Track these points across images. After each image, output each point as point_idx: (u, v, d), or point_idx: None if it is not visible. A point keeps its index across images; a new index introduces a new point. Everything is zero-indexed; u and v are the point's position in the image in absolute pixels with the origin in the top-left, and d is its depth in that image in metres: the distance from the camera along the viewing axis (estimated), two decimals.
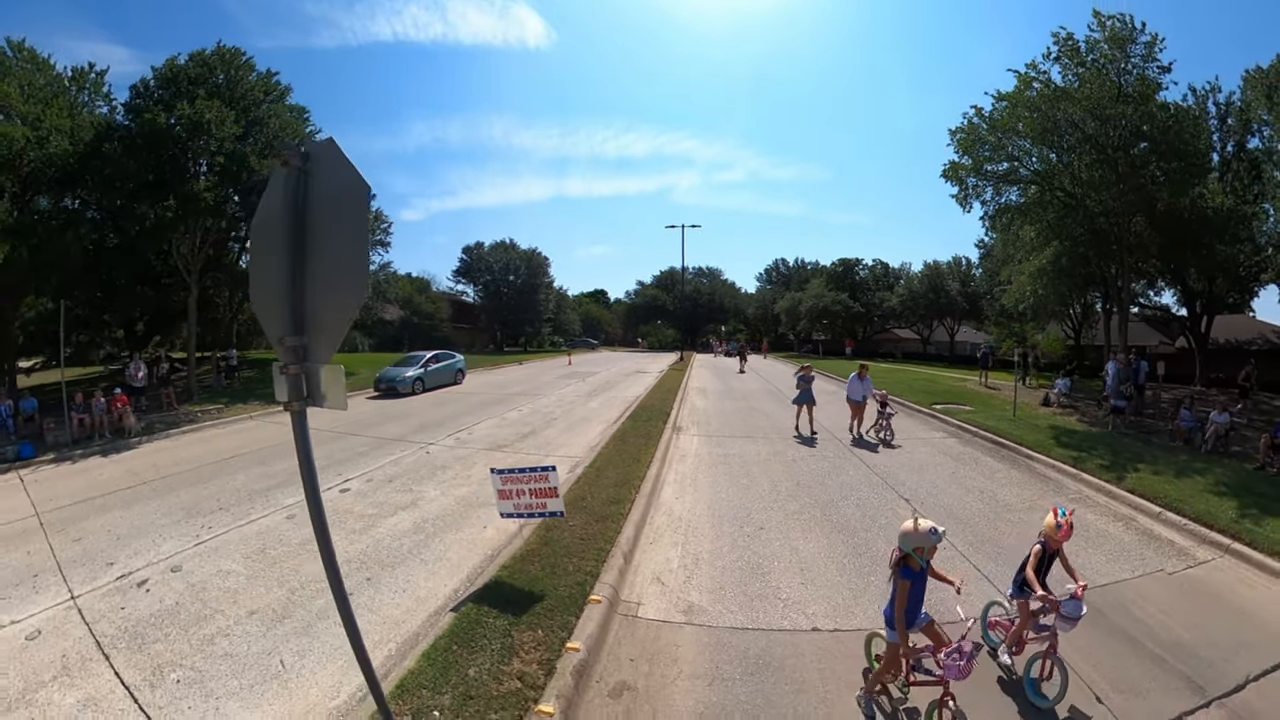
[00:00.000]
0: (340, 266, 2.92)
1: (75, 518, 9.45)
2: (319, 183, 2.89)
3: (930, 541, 4.07)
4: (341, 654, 5.17)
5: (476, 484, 10.33)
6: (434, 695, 4.24)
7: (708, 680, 4.92)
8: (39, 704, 4.72)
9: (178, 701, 4.70)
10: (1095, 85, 17.06)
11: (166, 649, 5.46)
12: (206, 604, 6.30)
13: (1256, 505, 9.17)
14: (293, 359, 2.86)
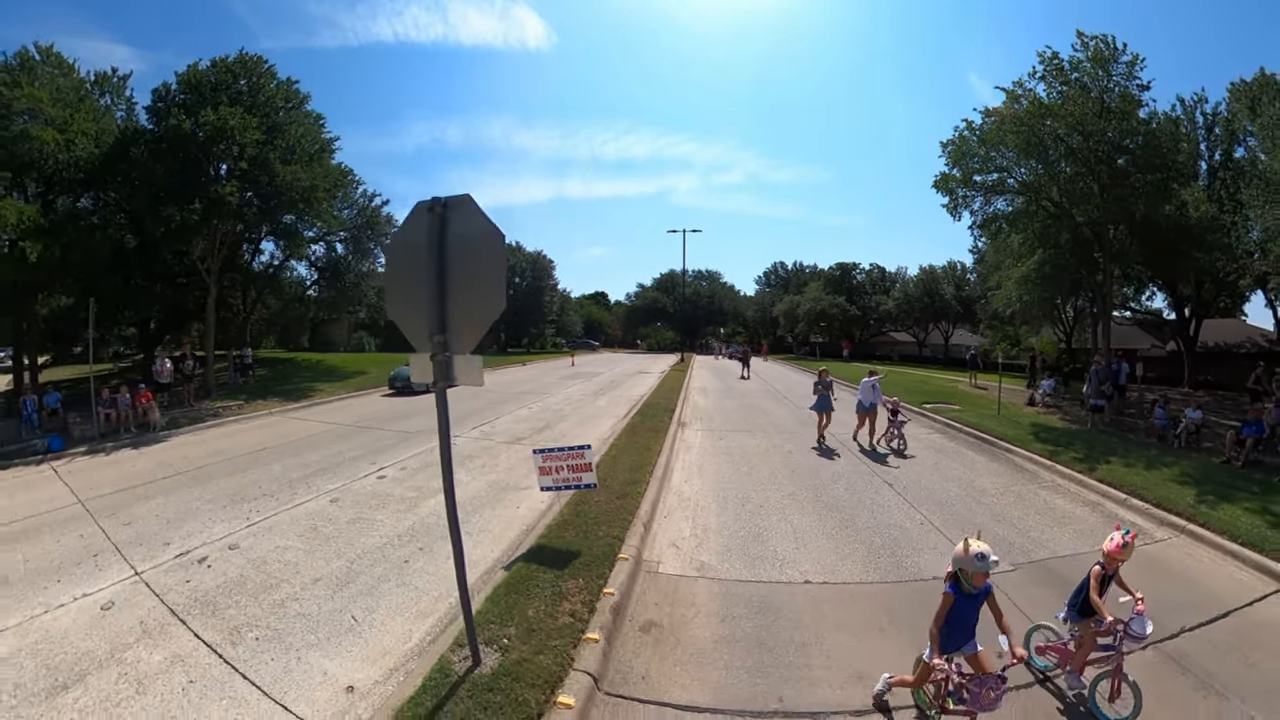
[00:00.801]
0: (480, 290, 3.99)
1: (120, 504, 9.96)
2: (456, 226, 3.85)
3: (975, 568, 3.87)
4: (407, 610, 6.07)
5: (504, 471, 11.30)
6: (501, 628, 5.18)
7: (720, 618, 5.98)
8: (128, 662, 5.24)
9: (260, 655, 5.30)
10: (1079, 102, 18.01)
11: (240, 614, 6.05)
12: (270, 575, 6.96)
13: (1215, 493, 10.11)
14: (439, 350, 3.81)
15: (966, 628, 4.06)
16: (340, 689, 4.75)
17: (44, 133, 19.47)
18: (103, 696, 4.72)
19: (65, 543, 8.23)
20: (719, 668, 5.17)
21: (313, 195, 23.01)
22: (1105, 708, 4.45)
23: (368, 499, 9.83)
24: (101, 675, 5.04)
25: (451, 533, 4.63)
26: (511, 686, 4.36)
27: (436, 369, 4.10)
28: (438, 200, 4.00)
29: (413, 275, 4.15)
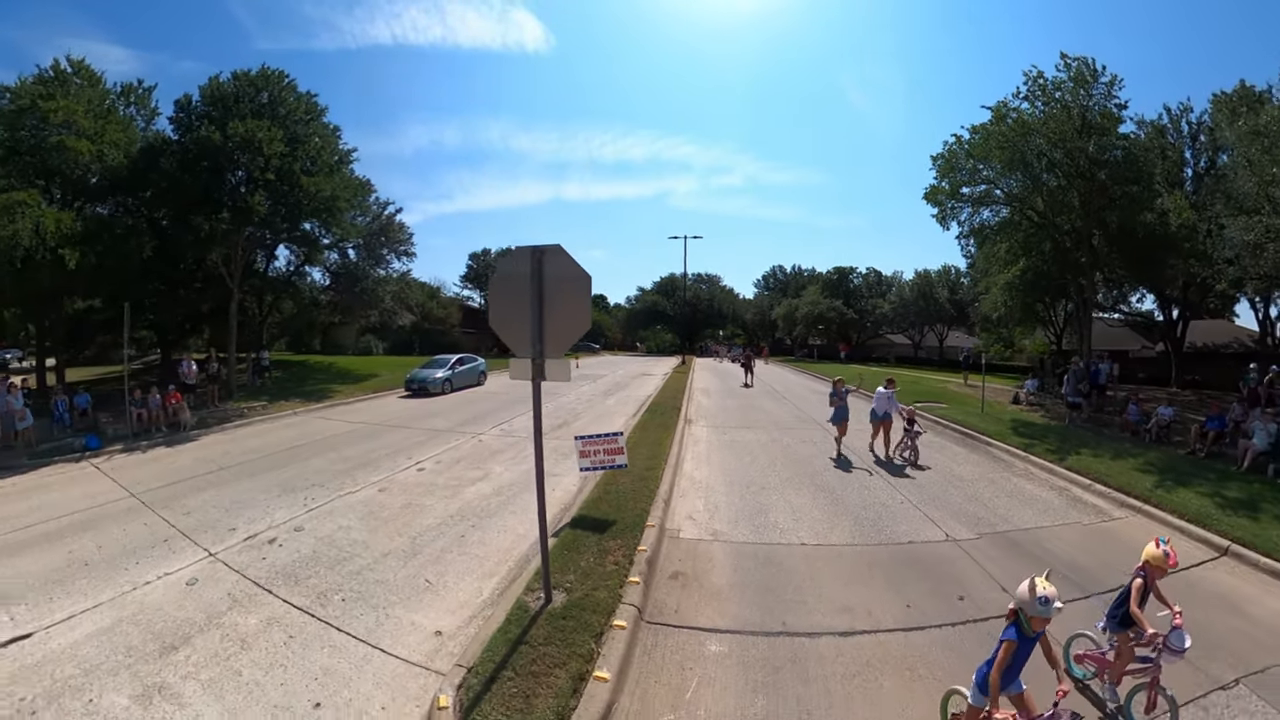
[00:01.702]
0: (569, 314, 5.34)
1: (174, 496, 10.59)
2: (550, 268, 5.19)
3: (1036, 611, 3.67)
4: (474, 572, 7.20)
5: (532, 463, 12.29)
6: (563, 576, 6.37)
7: (732, 569, 7.37)
8: (226, 625, 5.94)
9: (349, 613, 6.15)
10: (1060, 120, 19.26)
11: (321, 582, 6.89)
12: (341, 550, 7.86)
13: (1174, 479, 11.34)
14: (535, 355, 5.04)
15: (1017, 669, 3.92)
16: (429, 634, 5.80)
17: (79, 144, 20.19)
18: (211, 653, 5.43)
19: (132, 531, 8.83)
20: (734, 603, 6.44)
21: (335, 205, 24.05)
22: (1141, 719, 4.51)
23: (413, 488, 10.91)
24: (205, 637, 5.72)
25: (539, 497, 6.03)
26: (579, 614, 5.58)
27: (534, 368, 5.42)
28: (537, 248, 5.36)
29: (516, 300, 5.45)
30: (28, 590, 6.85)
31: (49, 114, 20.11)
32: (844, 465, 12.66)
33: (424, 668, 5.21)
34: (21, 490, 11.41)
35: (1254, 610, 6.59)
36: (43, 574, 7.32)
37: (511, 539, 8.26)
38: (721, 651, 5.50)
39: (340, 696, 4.80)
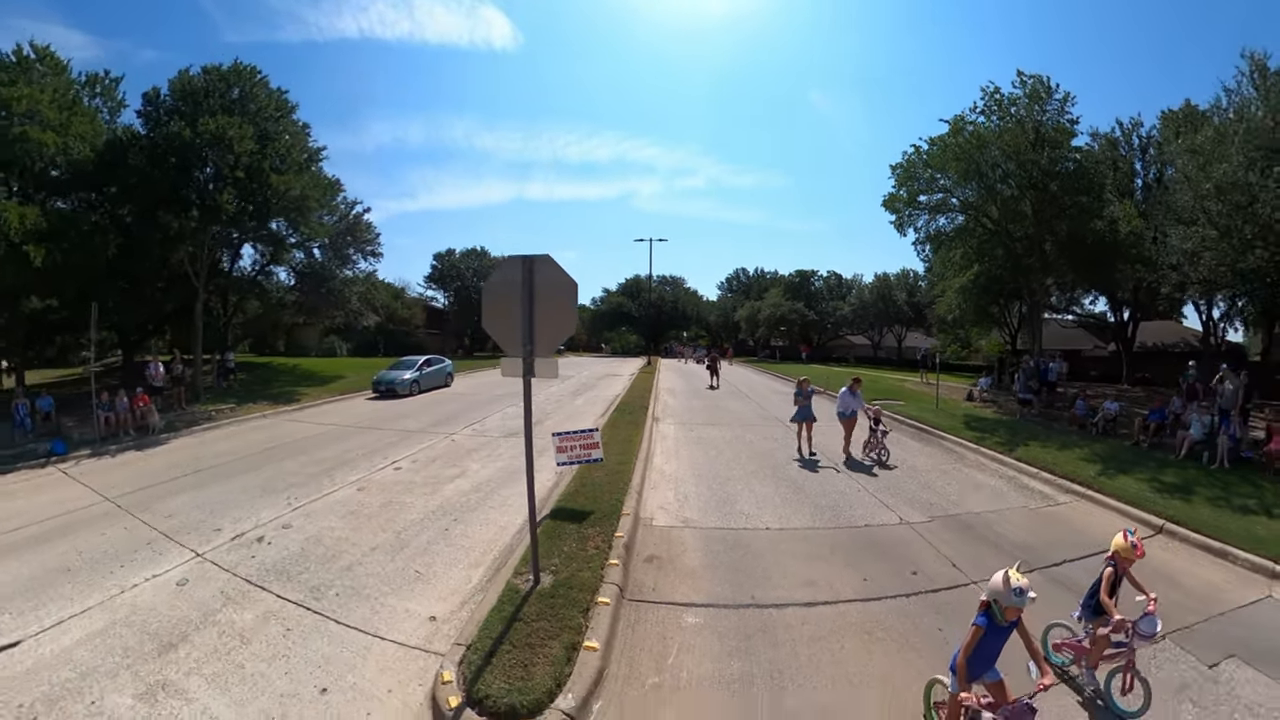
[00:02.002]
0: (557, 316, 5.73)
1: (151, 500, 10.43)
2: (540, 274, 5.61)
3: (1011, 602, 3.82)
4: (461, 562, 7.51)
5: (508, 460, 12.76)
6: (548, 560, 6.71)
7: (703, 552, 7.93)
8: (223, 622, 6.01)
9: (345, 605, 6.34)
10: (1015, 133, 20.25)
11: (313, 577, 7.04)
12: (329, 547, 8.00)
13: (1116, 467, 12.22)
14: (526, 354, 5.45)
15: (990, 657, 4.08)
16: (424, 619, 6.09)
17: (44, 135, 19.45)
18: (211, 649, 5.52)
19: (111, 535, 8.73)
20: (706, 581, 6.97)
21: (304, 204, 23.90)
22: (1119, 701, 4.74)
23: (391, 486, 11.10)
24: (202, 634, 5.80)
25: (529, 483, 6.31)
26: (566, 593, 5.96)
27: (525, 366, 5.78)
28: (528, 257, 5.79)
29: (508, 303, 5.84)
30: (9, 599, 6.74)
31: (12, 102, 19.20)
32: (805, 461, 13.16)
33: (423, 650, 5.51)
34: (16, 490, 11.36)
35: (1184, 580, 7.31)
36: (22, 582, 7.19)
37: (494, 531, 8.60)
38: (698, 623, 5.95)
39: (345, 681, 5.02)
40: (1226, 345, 32.29)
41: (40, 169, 20.93)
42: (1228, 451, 12.76)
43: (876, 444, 13.10)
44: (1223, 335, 30.65)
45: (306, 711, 4.63)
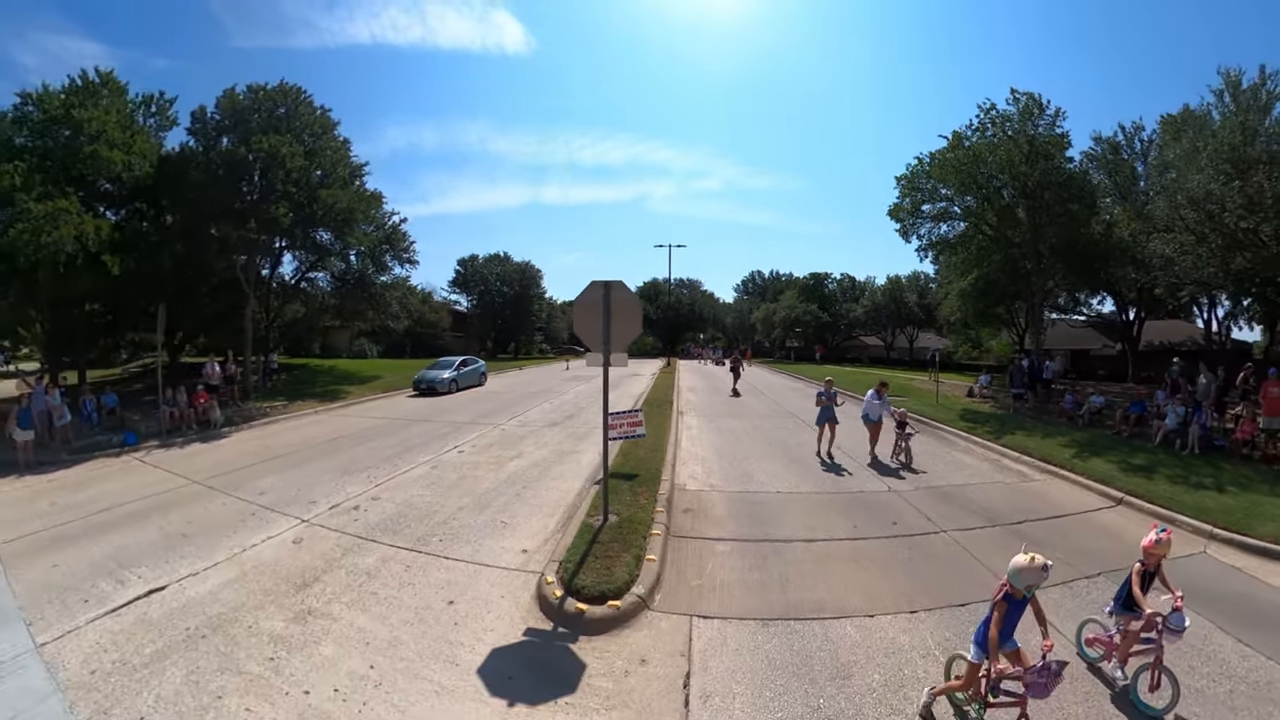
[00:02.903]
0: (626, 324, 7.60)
1: (237, 482, 11.52)
2: (615, 294, 7.48)
3: (1040, 579, 4.24)
4: (538, 513, 9.39)
5: (555, 444, 14.66)
6: (612, 508, 8.53)
7: (727, 507, 9.90)
8: (346, 566, 7.34)
9: (449, 547, 7.95)
10: (1009, 148, 21.86)
11: (415, 531, 8.53)
12: (422, 510, 9.54)
13: (1091, 452, 13.77)
14: (602, 351, 7.25)
15: (1010, 629, 4.43)
16: (517, 552, 7.90)
17: (113, 154, 21.24)
18: (343, 585, 6.75)
19: (213, 509, 9.83)
20: (730, 525, 8.91)
21: (351, 217, 25.86)
22: (1146, 698, 4.76)
23: (460, 465, 12.91)
24: (331, 575, 7.02)
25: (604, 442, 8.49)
26: (629, 527, 7.90)
27: (604, 359, 7.80)
28: (607, 282, 7.76)
29: (593, 314, 7.82)
30: (140, 557, 7.78)
31: (84, 124, 21.05)
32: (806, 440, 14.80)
33: (521, 570, 7.32)
34: (78, 481, 12.25)
35: (1128, 537, 8.58)
36: (146, 545, 8.25)
37: (558, 493, 10.50)
38: (726, 549, 7.88)
39: (465, 595, 6.65)
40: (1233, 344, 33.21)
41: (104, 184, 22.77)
42: (1198, 439, 14.15)
43: (903, 447, 13.07)
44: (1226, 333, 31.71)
45: (440, 617, 6.16)
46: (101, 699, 4.82)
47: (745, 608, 6.34)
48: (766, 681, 4.99)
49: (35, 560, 7.87)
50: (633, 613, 6.09)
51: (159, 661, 5.31)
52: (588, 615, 5.90)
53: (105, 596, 6.66)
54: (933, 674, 5.05)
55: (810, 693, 4.83)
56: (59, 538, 8.69)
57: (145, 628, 5.97)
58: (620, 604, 6.05)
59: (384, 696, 4.76)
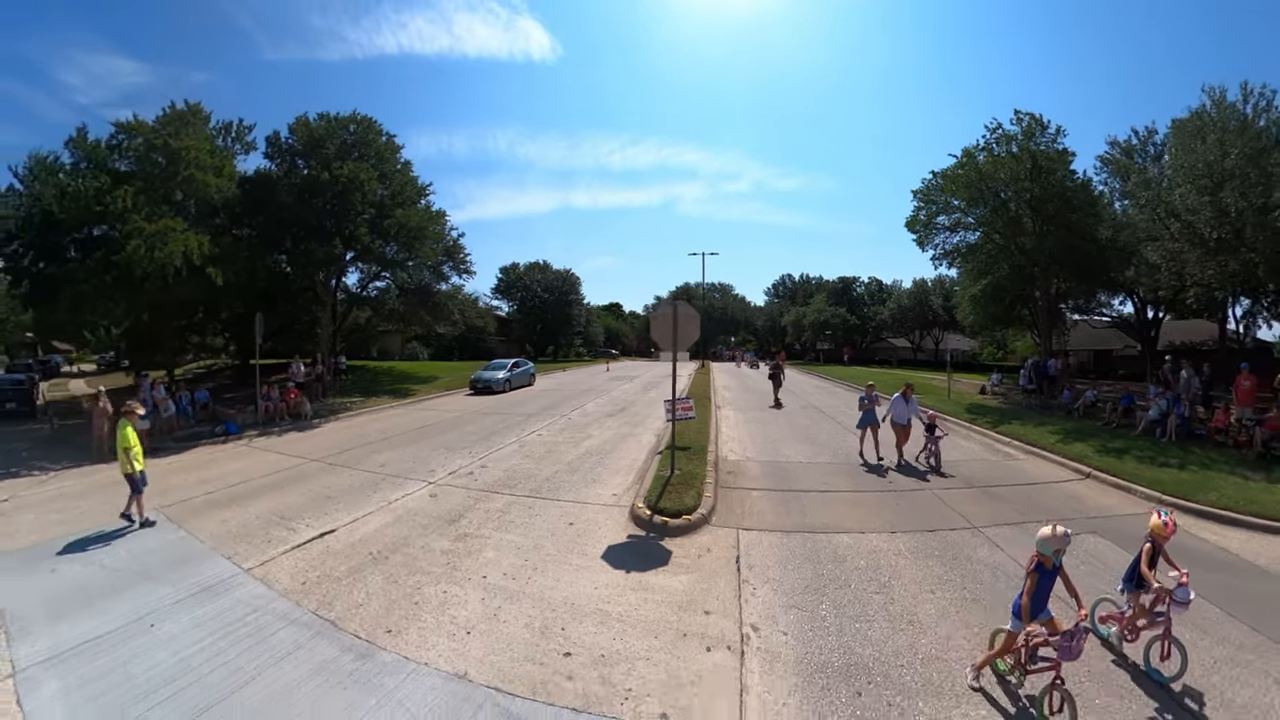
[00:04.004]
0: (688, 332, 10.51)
1: (353, 459, 13.81)
2: (680, 310, 10.35)
3: (1066, 544, 4.81)
4: (618, 474, 12.28)
5: (615, 430, 17.49)
6: (668, 470, 11.24)
7: (760, 470, 12.81)
8: (480, 508, 9.94)
9: (557, 494, 10.77)
10: (1012, 164, 24.11)
11: (526, 486, 11.32)
12: (525, 473, 12.35)
13: (1074, 438, 15.90)
14: (672, 351, 10.11)
15: (1043, 599, 4.93)
16: (609, 495, 10.80)
17: (207, 177, 23.93)
18: (484, 518, 9.41)
19: (344, 478, 12.05)
20: (763, 481, 11.72)
21: (422, 234, 28.94)
22: (1159, 666, 5.21)
23: (543, 444, 15.73)
24: (471, 514, 9.61)
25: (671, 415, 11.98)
26: (689, 478, 10.72)
27: (674, 358, 10.56)
28: (675, 300, 10.74)
29: (665, 324, 10.63)
30: (299, 512, 9.87)
31: (181, 151, 23.28)
32: (827, 428, 17.38)
33: (615, 505, 10.23)
34: (198, 463, 14.35)
35: (1086, 501, 11.01)
36: (299, 505, 10.30)
37: (629, 460, 13.46)
38: (760, 494, 10.72)
39: (579, 520, 9.49)
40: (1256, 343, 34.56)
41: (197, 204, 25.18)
42: (1176, 428, 16.16)
43: (931, 450, 13.26)
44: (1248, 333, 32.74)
45: (565, 531, 9.01)
46: (321, 596, 6.81)
47: (774, 525, 9.15)
48: (789, 561, 7.75)
49: (203, 518, 9.79)
50: (698, 524, 8.94)
51: (357, 573, 7.43)
52: (669, 524, 8.77)
53: (283, 539, 8.74)
54: (901, 567, 7.62)
55: (816, 567, 7.57)
56: (211, 503, 10.75)
57: (332, 555, 8.09)
58: (691, 518, 8.94)
59: (541, 575, 7.44)
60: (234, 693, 5.12)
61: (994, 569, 7.51)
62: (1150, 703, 4.94)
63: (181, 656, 5.72)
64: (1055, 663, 4.64)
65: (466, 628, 6.08)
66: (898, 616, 6.28)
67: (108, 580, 7.63)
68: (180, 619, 6.50)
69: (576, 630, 6.03)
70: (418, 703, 4.87)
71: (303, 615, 6.47)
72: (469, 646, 5.72)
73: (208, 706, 4.95)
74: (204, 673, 5.42)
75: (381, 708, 4.83)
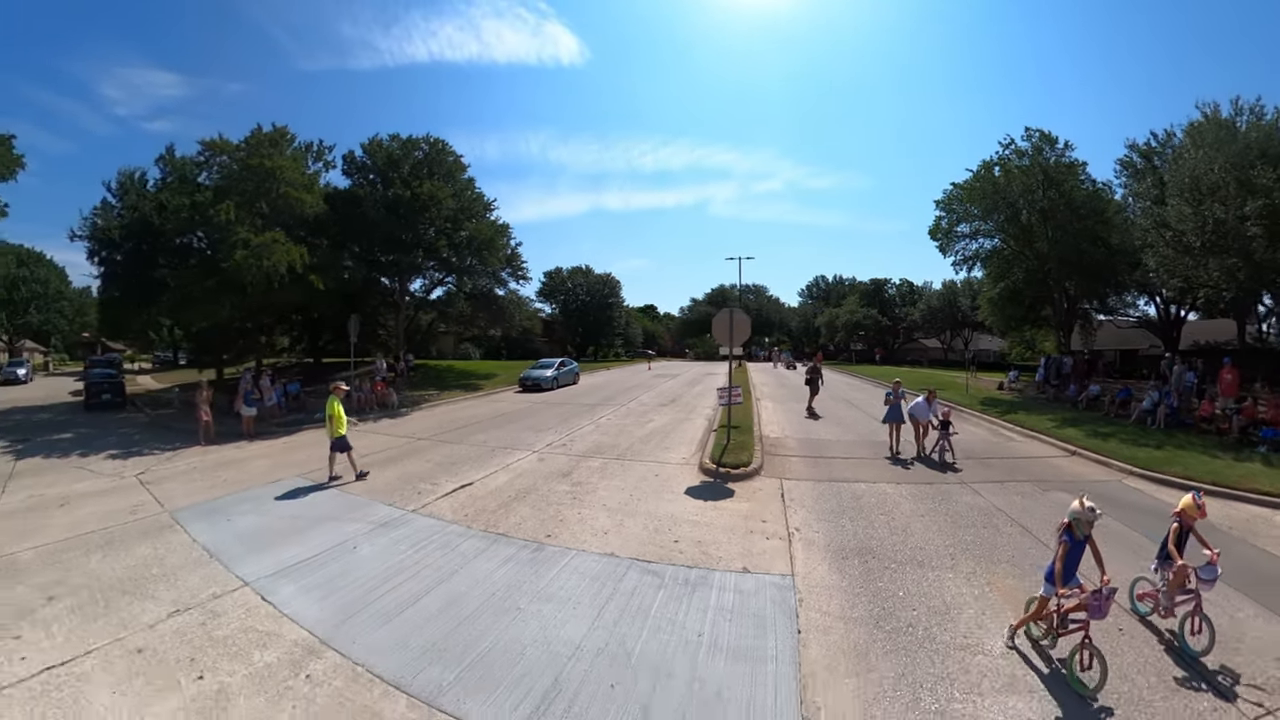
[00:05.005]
0: (741, 331, 13.76)
1: (457, 438, 16.42)
2: (735, 315, 13.54)
3: (1091, 518, 5.27)
4: (683, 444, 15.47)
5: (671, 416, 20.57)
6: (725, 440, 14.25)
7: (796, 444, 15.85)
8: (583, 467, 12.86)
9: (639, 456, 14.02)
10: (1022, 178, 26.54)
11: (612, 453, 14.31)
12: (607, 445, 15.46)
13: (1070, 425, 18.28)
14: (729, 347, 13.15)
15: (1073, 568, 5.40)
16: (679, 458, 13.92)
17: (300, 194, 26.56)
18: (588, 474, 12.22)
19: (457, 450, 14.85)
20: (798, 450, 14.76)
21: (492, 245, 32.23)
22: (1190, 640, 5.46)
23: (615, 426, 18.85)
24: (577, 471, 12.44)
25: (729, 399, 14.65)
26: (742, 445, 13.88)
27: (730, 354, 13.82)
28: (732, 308, 13.87)
29: (722, 327, 13.80)
30: (435, 472, 12.50)
31: (277, 170, 25.49)
32: (850, 415, 20.11)
33: (686, 464, 13.35)
34: (314, 442, 15.81)
35: (1063, 471, 13.40)
36: (424, 470, 12.66)
37: (689, 436, 16.64)
38: (796, 459, 13.75)
39: (662, 473, 12.57)
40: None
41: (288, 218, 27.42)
42: (1164, 417, 18.26)
43: (946, 446, 14.05)
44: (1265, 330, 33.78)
45: (654, 479, 12.09)
46: (485, 522, 9.21)
47: (807, 476, 12.23)
48: (819, 497, 10.76)
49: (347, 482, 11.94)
50: (751, 474, 12.10)
51: (506, 506, 10.10)
52: (730, 474, 11.95)
53: (430, 490, 11.20)
54: (901, 502, 10.52)
55: (838, 501, 10.56)
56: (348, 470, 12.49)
57: (478, 499, 10.62)
58: (747, 469, 12.14)
59: (645, 503, 10.50)
60: (446, 579, 7.22)
61: (971, 506, 10.32)
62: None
63: (390, 565, 7.71)
64: (1085, 623, 5.08)
65: (603, 531, 9.06)
66: (895, 528, 9.20)
67: (290, 524, 9.48)
68: (376, 542, 8.50)
69: (678, 530, 9.06)
70: (584, 570, 7.66)
71: (476, 533, 8.89)
72: (608, 541, 8.66)
73: (428, 589, 6.95)
74: (415, 571, 7.48)
75: (562, 574, 7.42)
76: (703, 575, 7.39)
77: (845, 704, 4.87)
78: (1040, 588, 5.65)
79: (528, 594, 6.83)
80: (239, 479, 12.66)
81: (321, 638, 5.99)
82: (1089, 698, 4.88)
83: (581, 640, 5.79)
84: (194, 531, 9.20)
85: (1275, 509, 10.25)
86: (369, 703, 4.95)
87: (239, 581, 7.32)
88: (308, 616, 6.43)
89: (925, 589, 6.97)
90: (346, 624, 6.25)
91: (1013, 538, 8.70)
